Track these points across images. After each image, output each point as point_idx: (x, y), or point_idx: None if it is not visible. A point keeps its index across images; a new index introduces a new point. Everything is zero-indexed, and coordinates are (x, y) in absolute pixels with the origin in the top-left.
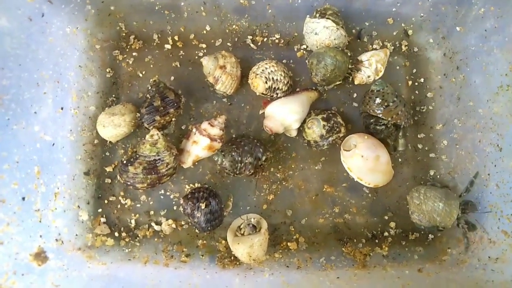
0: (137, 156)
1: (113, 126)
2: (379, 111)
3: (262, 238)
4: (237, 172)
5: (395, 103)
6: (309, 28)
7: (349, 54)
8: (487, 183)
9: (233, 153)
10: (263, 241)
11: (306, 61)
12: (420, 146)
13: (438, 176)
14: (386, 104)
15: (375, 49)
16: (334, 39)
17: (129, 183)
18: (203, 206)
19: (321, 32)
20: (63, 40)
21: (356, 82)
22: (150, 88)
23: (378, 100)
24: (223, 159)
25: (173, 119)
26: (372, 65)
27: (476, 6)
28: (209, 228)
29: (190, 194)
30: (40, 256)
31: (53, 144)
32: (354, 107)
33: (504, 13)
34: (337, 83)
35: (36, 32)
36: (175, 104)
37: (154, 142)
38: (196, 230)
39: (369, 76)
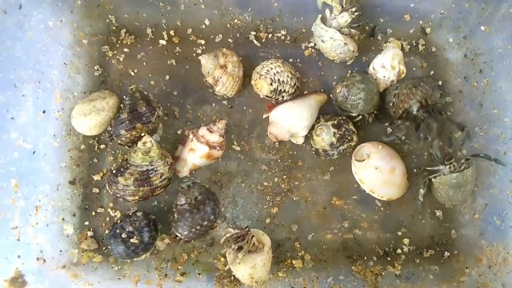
0: (128, 165)
1: (96, 111)
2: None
3: (266, 258)
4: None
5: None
6: (317, 32)
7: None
8: None
9: (196, 196)
10: (266, 260)
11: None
12: (423, 181)
13: None
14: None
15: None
16: (340, 53)
17: (118, 195)
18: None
19: (327, 42)
20: (45, 34)
21: (381, 90)
22: (125, 97)
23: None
24: (183, 193)
25: (141, 134)
26: (395, 68)
27: (506, 4)
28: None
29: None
30: (17, 282)
31: (34, 152)
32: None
33: None
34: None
35: (12, 27)
36: (143, 119)
37: (146, 150)
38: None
39: (393, 81)
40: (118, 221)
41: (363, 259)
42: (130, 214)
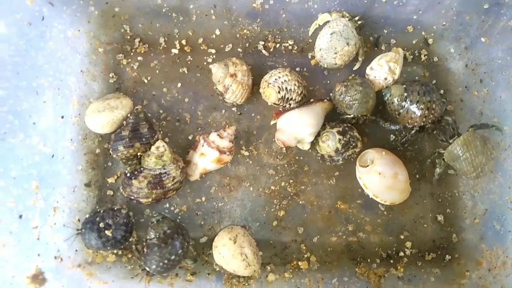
0: (142, 169)
1: (110, 108)
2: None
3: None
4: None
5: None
6: (345, 33)
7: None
8: None
9: (165, 230)
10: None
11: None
12: (438, 161)
13: (457, 194)
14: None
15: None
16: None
17: (132, 198)
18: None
19: (351, 46)
20: (64, 44)
21: (376, 90)
22: (129, 115)
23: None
24: (152, 227)
25: (138, 153)
26: (383, 66)
27: (505, 17)
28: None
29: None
30: (38, 278)
31: (53, 156)
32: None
33: None
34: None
35: (35, 37)
36: (143, 139)
37: (160, 154)
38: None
39: (386, 78)
40: (101, 211)
41: (366, 261)
42: (115, 208)
